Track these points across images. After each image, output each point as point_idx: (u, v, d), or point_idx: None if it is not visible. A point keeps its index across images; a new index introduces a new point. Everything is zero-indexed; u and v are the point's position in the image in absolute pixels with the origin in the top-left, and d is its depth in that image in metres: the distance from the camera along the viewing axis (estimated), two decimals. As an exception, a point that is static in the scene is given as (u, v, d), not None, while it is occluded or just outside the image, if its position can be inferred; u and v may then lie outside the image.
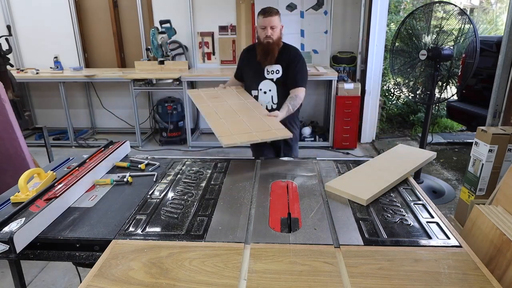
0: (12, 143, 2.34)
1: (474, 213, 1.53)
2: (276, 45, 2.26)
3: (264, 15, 2.20)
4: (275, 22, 2.22)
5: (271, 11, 2.22)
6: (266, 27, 2.21)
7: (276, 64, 2.30)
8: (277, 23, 2.24)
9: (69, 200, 1.32)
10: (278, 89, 2.33)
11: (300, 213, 1.24)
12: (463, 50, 2.85)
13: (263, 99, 2.35)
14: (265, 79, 2.33)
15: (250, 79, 2.41)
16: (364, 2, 4.27)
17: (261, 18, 2.21)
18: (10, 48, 3.04)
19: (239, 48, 4.72)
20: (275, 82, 2.32)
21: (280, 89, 2.32)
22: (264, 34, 2.22)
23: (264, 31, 2.22)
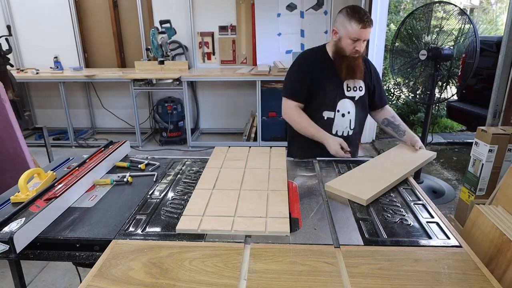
0: (12, 143, 2.34)
1: (474, 213, 1.53)
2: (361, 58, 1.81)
3: (363, 24, 1.65)
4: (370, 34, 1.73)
5: (370, 19, 1.69)
6: (360, 40, 1.71)
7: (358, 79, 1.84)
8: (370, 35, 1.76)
9: (69, 200, 1.32)
10: (357, 110, 1.86)
11: (300, 213, 1.24)
12: (463, 50, 2.86)
13: (340, 124, 1.85)
14: (345, 97, 1.83)
15: (324, 97, 1.83)
16: (364, 2, 4.27)
17: (357, 27, 1.66)
18: (10, 48, 3.04)
19: (239, 48, 4.72)
20: (356, 101, 1.85)
21: (358, 110, 1.87)
22: (353, 47, 1.72)
23: (354, 44, 1.72)
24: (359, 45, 1.71)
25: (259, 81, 4.14)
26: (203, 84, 4.87)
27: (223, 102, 4.98)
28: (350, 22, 1.67)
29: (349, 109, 1.84)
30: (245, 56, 4.77)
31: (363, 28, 1.66)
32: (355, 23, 1.66)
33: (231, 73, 4.32)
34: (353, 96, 1.84)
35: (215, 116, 5.08)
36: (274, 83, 4.25)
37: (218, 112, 5.05)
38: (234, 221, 1.17)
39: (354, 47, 1.72)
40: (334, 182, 1.43)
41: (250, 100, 4.72)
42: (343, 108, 1.83)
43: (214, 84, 4.85)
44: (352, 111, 1.85)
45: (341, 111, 1.83)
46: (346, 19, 1.69)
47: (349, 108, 1.84)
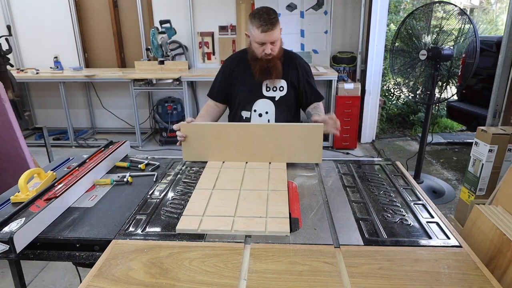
0: (12, 143, 2.34)
1: (474, 213, 1.53)
2: (278, 58, 1.77)
3: (262, 29, 1.63)
4: (276, 35, 1.68)
5: (271, 22, 1.63)
6: (266, 43, 1.69)
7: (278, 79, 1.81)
8: (278, 35, 1.69)
9: (69, 200, 1.32)
10: (278, 111, 1.84)
11: (300, 213, 1.24)
12: (463, 50, 2.85)
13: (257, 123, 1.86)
14: (263, 97, 1.84)
15: (241, 97, 1.87)
16: (364, 2, 4.27)
17: (257, 32, 1.65)
18: (10, 48, 3.04)
19: (239, 48, 4.72)
20: (276, 101, 1.84)
21: (280, 110, 1.85)
22: (262, 51, 1.71)
23: (262, 48, 1.70)
24: (267, 48, 1.69)
25: (259, 81, 4.13)
26: (203, 84, 4.86)
27: (223, 102, 4.97)
28: (253, 26, 1.67)
29: (267, 109, 1.84)
30: (245, 56, 4.76)
31: (264, 32, 1.64)
32: (256, 28, 1.65)
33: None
34: (272, 96, 1.83)
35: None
36: (274, 83, 4.24)
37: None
38: (234, 221, 1.17)
39: (263, 50, 1.70)
40: None
41: (250, 100, 4.72)
42: (260, 108, 1.85)
43: (214, 84, 4.84)
44: (271, 111, 1.85)
45: (258, 111, 1.85)
46: (250, 24, 1.69)
47: (267, 108, 1.84)
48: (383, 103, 5.00)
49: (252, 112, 1.86)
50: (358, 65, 4.48)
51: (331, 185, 1.47)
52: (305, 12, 4.46)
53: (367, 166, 1.68)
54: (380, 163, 1.72)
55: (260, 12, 1.66)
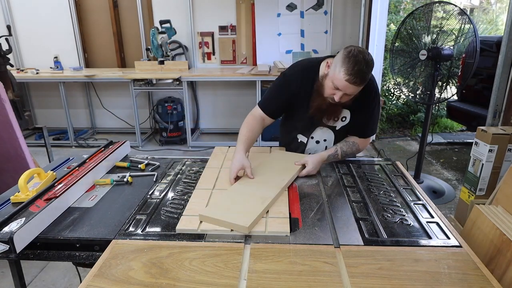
0: (12, 143, 2.34)
1: (474, 213, 1.53)
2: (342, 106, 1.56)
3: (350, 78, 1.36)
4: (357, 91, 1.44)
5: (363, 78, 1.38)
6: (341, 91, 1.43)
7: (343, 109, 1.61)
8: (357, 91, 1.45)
9: (69, 200, 1.32)
10: (337, 139, 1.71)
11: (300, 213, 1.24)
12: (463, 50, 2.85)
13: (313, 148, 1.74)
14: (323, 125, 1.68)
15: (299, 121, 1.70)
16: (364, 2, 4.27)
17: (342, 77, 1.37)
18: (10, 48, 3.04)
19: (239, 48, 4.72)
20: (337, 130, 1.68)
21: (339, 138, 1.71)
22: (332, 93, 1.46)
23: (334, 91, 1.44)
24: (338, 95, 1.43)
25: (259, 81, 4.13)
26: (203, 84, 4.87)
27: (223, 102, 4.98)
28: (341, 68, 1.37)
29: (326, 137, 1.71)
30: (245, 56, 4.77)
31: (349, 82, 1.37)
32: (343, 72, 1.36)
33: (231, 73, 4.32)
34: (333, 126, 1.68)
35: (215, 116, 5.08)
36: (274, 83, 4.25)
37: (218, 112, 5.05)
38: None
39: (333, 94, 1.45)
40: (208, 209, 1.20)
41: (250, 100, 4.72)
42: (318, 136, 1.71)
43: (214, 84, 4.85)
44: (330, 139, 1.72)
45: (315, 138, 1.72)
46: (339, 61, 1.39)
47: (326, 136, 1.71)
48: (383, 103, 5.00)
49: (309, 139, 1.72)
50: (358, 65, 4.48)
51: (331, 185, 1.47)
52: (305, 12, 4.46)
53: (367, 166, 1.68)
54: (380, 163, 1.72)
55: (360, 57, 1.35)
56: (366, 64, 1.36)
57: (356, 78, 1.36)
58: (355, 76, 1.36)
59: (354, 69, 1.35)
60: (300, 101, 1.62)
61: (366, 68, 1.37)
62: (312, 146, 1.75)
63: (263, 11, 4.47)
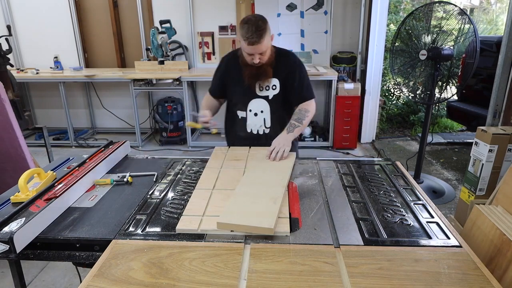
0: (12, 143, 2.34)
1: (474, 213, 1.53)
2: (269, 65, 1.78)
3: (249, 41, 1.64)
4: (263, 47, 1.68)
5: (257, 35, 1.63)
6: (254, 54, 1.70)
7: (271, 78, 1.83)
8: (265, 47, 1.69)
9: (69, 200, 1.32)
10: (272, 109, 1.87)
11: (300, 213, 1.24)
12: (463, 50, 2.85)
13: (253, 123, 1.90)
14: (257, 97, 1.86)
15: (236, 97, 1.92)
16: (364, 2, 4.27)
17: (244, 44, 1.66)
18: (10, 48, 3.04)
19: (239, 48, 4.72)
20: (270, 100, 1.86)
21: (274, 108, 1.87)
22: (250, 60, 1.73)
23: (250, 57, 1.72)
24: (255, 58, 1.70)
25: (259, 81, 4.13)
26: (203, 84, 4.86)
27: (223, 102, 4.97)
28: (241, 37, 1.67)
29: (262, 108, 1.87)
30: (245, 56, 4.77)
31: (249, 44, 1.64)
32: (243, 40, 1.66)
33: (231, 73, 4.31)
34: (266, 95, 1.86)
35: (215, 116, 5.04)
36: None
37: (218, 112, 5.03)
38: None
39: (252, 59, 1.72)
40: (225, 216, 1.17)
41: (250, 100, 4.72)
42: (255, 108, 1.88)
43: (214, 84, 4.84)
44: (266, 110, 1.87)
45: (253, 111, 1.89)
46: (239, 33, 1.69)
47: (262, 107, 1.87)
48: (383, 103, 5.00)
49: (247, 112, 1.90)
50: (358, 65, 4.48)
51: (331, 185, 1.47)
52: (305, 12, 4.46)
53: (367, 166, 1.68)
54: (380, 163, 1.72)
55: (248, 22, 1.64)
56: (255, 24, 1.63)
57: (252, 39, 1.63)
58: (250, 37, 1.62)
59: (248, 32, 1.63)
60: (230, 80, 1.91)
61: (256, 27, 1.63)
62: (251, 120, 1.91)
63: (263, 11, 4.47)
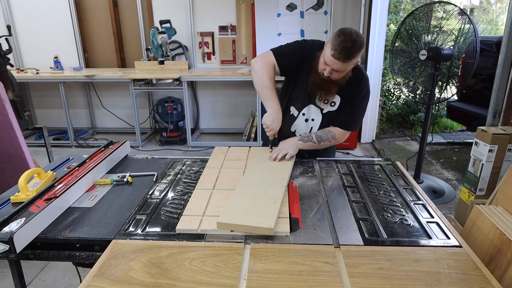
0: (12, 143, 2.34)
1: (474, 213, 1.53)
2: (337, 83, 1.63)
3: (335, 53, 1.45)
4: (345, 68, 1.53)
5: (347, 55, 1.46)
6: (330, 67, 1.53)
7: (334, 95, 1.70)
8: (347, 68, 1.54)
9: (69, 200, 1.32)
10: (323, 123, 1.77)
11: (300, 213, 1.24)
12: (463, 50, 2.85)
13: (300, 126, 1.79)
14: (314, 105, 1.75)
15: (296, 94, 1.77)
16: (364, 2, 4.27)
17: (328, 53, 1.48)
18: (10, 48, 3.04)
19: (239, 48, 4.72)
20: (324, 114, 1.76)
21: (325, 122, 1.77)
22: (323, 68, 1.56)
23: (324, 67, 1.55)
24: (327, 70, 1.54)
25: (259, 81, 4.13)
26: (203, 84, 4.86)
27: (223, 102, 4.97)
28: (330, 44, 1.48)
29: (314, 117, 1.77)
30: (245, 56, 4.77)
31: (333, 57, 1.47)
32: (330, 47, 1.47)
33: (231, 73, 4.32)
34: (322, 108, 1.74)
35: (215, 116, 5.08)
36: (274, 83, 4.25)
37: (218, 112, 5.05)
38: None
39: (324, 69, 1.55)
40: (225, 216, 1.17)
41: (250, 100, 4.72)
42: (308, 114, 1.77)
43: (214, 84, 4.85)
44: (317, 120, 1.77)
45: (306, 115, 1.77)
46: (332, 38, 1.49)
47: (314, 116, 1.76)
48: (383, 103, 5.00)
49: (300, 114, 1.77)
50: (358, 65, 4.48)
51: (331, 185, 1.47)
52: (305, 12, 4.46)
53: (367, 166, 1.68)
54: (380, 163, 1.72)
55: (348, 36, 1.44)
56: (352, 42, 1.44)
57: (340, 54, 1.44)
58: (340, 51, 1.44)
59: (340, 45, 1.43)
60: (303, 72, 1.70)
61: (351, 46, 1.44)
62: (300, 123, 1.79)
63: (263, 11, 4.47)
